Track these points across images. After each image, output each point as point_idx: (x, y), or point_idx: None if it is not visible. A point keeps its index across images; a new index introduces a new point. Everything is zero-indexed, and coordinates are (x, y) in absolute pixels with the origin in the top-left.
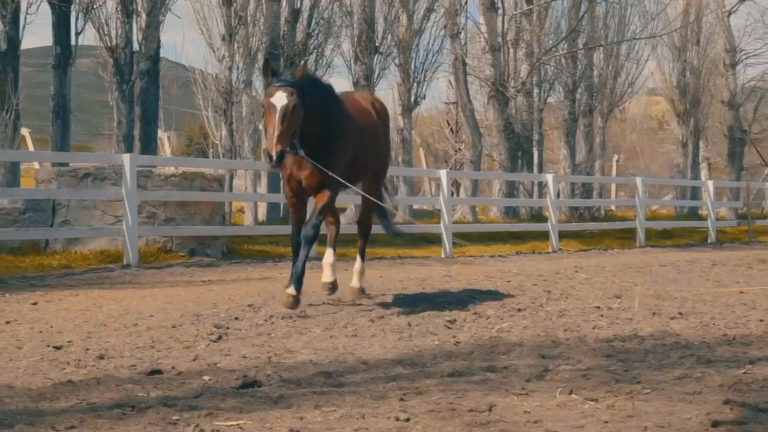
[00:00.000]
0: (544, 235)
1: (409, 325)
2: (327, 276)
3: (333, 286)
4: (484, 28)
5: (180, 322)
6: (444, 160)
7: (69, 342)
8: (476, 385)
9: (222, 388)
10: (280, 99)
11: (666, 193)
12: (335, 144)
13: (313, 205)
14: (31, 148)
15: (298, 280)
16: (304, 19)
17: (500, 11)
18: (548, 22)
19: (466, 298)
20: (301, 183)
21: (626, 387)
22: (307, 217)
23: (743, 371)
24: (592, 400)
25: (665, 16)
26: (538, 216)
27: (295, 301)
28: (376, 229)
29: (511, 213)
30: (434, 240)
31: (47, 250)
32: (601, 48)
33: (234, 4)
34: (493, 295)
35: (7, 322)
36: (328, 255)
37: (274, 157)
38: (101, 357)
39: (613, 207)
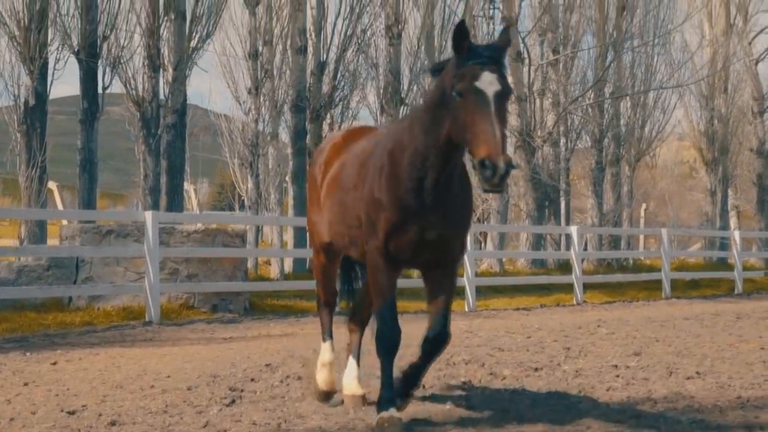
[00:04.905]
0: (569, 286)
1: (424, 386)
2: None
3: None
4: (510, 79)
5: (196, 383)
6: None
7: (83, 406)
8: None
9: None
10: (492, 84)
11: (696, 241)
12: (467, 179)
13: (438, 304)
14: (58, 201)
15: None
16: (330, 71)
17: (526, 61)
18: (574, 72)
19: (483, 357)
20: (420, 246)
21: None
22: (434, 319)
23: None
24: None
25: (692, 64)
26: (566, 264)
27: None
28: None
29: (539, 262)
30: (458, 292)
31: (70, 306)
32: (628, 97)
33: (260, 57)
34: (511, 353)
35: (25, 384)
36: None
37: (502, 170)
38: (113, 423)
39: (641, 256)
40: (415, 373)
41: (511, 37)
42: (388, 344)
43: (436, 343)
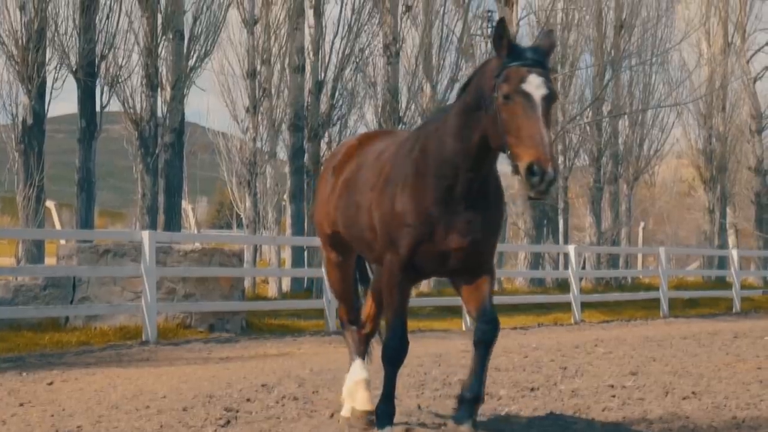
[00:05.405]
0: (567, 305)
1: (419, 407)
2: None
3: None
4: None
5: (192, 404)
6: None
7: (78, 427)
8: None
9: None
10: (539, 87)
11: (695, 259)
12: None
13: (481, 291)
14: (56, 220)
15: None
16: (327, 90)
17: None
18: (572, 91)
19: None
20: (448, 256)
21: None
22: (482, 307)
23: None
24: None
25: (690, 82)
26: (564, 283)
27: None
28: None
29: (537, 281)
30: (455, 311)
31: (67, 326)
32: (626, 115)
33: (258, 77)
34: (507, 373)
35: (21, 405)
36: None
37: (550, 176)
38: None
39: (639, 275)
40: (476, 383)
41: (555, 40)
42: (395, 354)
43: (490, 323)
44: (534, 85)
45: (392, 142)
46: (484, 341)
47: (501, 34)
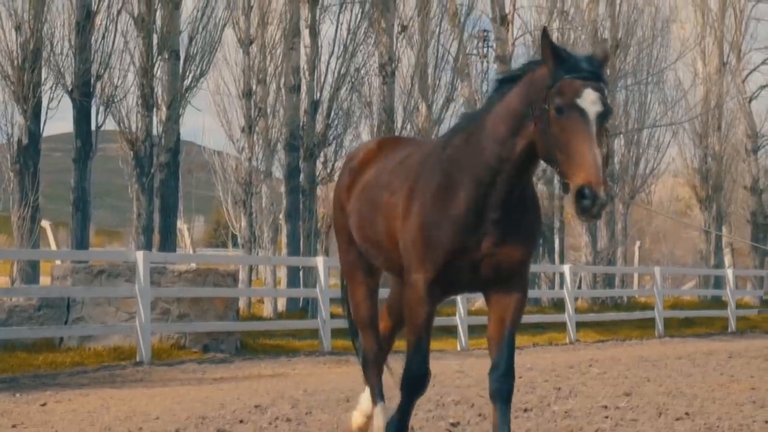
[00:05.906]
0: (562, 325)
1: (412, 429)
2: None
3: None
4: None
5: (185, 425)
6: None
7: None
8: None
9: None
10: (595, 103)
11: (691, 278)
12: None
13: (504, 324)
14: (51, 240)
15: None
16: (323, 109)
17: None
18: None
19: (473, 397)
20: (478, 263)
21: None
22: (499, 351)
23: None
24: None
25: (686, 102)
26: (560, 303)
27: None
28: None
29: (533, 300)
30: (450, 331)
31: (61, 346)
32: (622, 135)
33: (254, 96)
34: None
35: (14, 426)
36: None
37: (603, 200)
38: None
39: (635, 294)
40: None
41: (608, 51)
42: (415, 384)
43: (503, 376)
44: (589, 100)
45: (417, 149)
46: (500, 397)
47: (546, 44)
